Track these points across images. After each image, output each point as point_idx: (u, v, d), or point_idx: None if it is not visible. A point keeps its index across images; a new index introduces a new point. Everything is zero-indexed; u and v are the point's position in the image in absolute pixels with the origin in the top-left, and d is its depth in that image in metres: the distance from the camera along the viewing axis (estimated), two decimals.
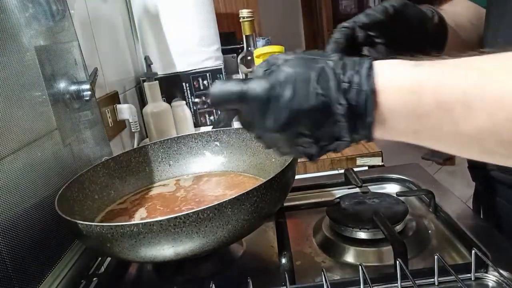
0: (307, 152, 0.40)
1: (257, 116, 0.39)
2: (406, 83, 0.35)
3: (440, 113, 0.33)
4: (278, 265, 0.49)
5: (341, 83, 0.36)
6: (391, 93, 0.35)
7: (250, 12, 1.14)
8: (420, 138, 0.36)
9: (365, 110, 0.36)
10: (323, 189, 0.74)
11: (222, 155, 0.72)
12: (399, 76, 0.35)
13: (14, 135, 0.51)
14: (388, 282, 0.46)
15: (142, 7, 1.21)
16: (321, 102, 0.36)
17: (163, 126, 1.14)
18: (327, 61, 0.37)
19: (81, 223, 0.45)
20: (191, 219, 0.43)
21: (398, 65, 0.36)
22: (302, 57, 0.38)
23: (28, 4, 0.60)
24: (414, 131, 0.36)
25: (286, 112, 0.37)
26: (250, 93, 0.38)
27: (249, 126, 0.41)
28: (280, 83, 0.37)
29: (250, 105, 0.38)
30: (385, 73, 0.36)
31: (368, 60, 0.37)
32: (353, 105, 0.36)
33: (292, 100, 0.36)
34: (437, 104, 0.33)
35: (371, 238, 0.54)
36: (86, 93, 0.72)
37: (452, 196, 0.65)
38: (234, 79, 0.40)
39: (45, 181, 0.57)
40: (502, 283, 0.44)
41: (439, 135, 0.35)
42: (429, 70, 0.34)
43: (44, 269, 0.53)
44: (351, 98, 0.36)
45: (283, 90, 0.37)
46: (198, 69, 1.25)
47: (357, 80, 0.36)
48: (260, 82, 0.38)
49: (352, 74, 0.36)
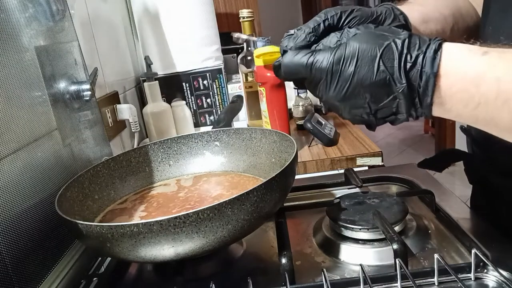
0: (365, 121, 0.43)
1: (322, 86, 0.42)
2: (470, 72, 0.36)
3: (498, 103, 0.34)
4: (278, 265, 0.49)
5: (406, 62, 0.37)
6: (454, 79, 0.36)
7: (250, 12, 1.14)
8: (478, 123, 0.38)
9: (425, 92, 0.37)
10: (323, 189, 0.74)
11: (222, 155, 0.72)
12: (465, 64, 0.36)
13: (14, 135, 0.51)
14: (388, 282, 0.46)
15: (142, 7, 1.21)
16: (382, 79, 0.38)
17: (163, 126, 1.14)
18: (396, 38, 0.38)
19: (81, 223, 0.45)
20: (191, 219, 0.43)
21: (468, 52, 0.37)
22: (371, 32, 0.40)
23: (28, 4, 0.60)
24: (471, 116, 0.37)
25: (348, 85, 0.39)
26: (316, 65, 0.40)
27: (314, 91, 0.44)
28: (346, 57, 0.39)
29: (315, 76, 0.41)
30: (452, 59, 0.37)
31: (437, 42, 0.37)
32: (413, 84, 0.37)
33: (354, 75, 0.39)
34: (496, 95, 0.34)
35: (371, 238, 0.54)
36: (86, 93, 0.72)
37: (452, 196, 0.65)
38: (304, 50, 0.43)
39: (45, 181, 0.57)
40: (502, 283, 0.44)
41: (496, 122, 0.36)
42: (495, 61, 0.35)
43: (44, 269, 0.53)
44: (412, 78, 0.37)
45: (347, 64, 0.39)
46: (198, 69, 1.25)
47: (421, 61, 0.37)
48: (327, 54, 0.40)
49: (417, 54, 0.37)
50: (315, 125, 1.00)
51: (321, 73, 0.41)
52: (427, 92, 0.37)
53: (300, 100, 1.24)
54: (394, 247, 0.47)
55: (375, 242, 0.54)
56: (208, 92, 1.28)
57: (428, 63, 0.37)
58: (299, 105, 1.24)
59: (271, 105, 1.04)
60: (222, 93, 1.28)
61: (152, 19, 1.21)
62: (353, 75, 0.39)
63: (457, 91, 0.37)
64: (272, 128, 1.04)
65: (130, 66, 1.27)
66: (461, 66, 0.36)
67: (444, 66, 0.37)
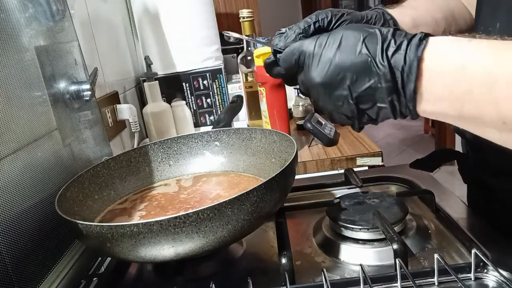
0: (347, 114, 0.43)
1: (307, 69, 0.43)
2: (456, 57, 0.35)
3: (483, 90, 0.34)
4: (278, 265, 0.49)
5: (389, 46, 0.38)
6: (438, 64, 0.36)
7: (250, 12, 1.14)
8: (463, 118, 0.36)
9: (408, 76, 0.37)
10: (323, 189, 0.74)
11: (222, 155, 0.72)
12: (451, 50, 0.36)
13: (14, 135, 0.51)
14: (388, 282, 0.46)
15: (142, 7, 1.21)
16: (363, 60, 0.39)
17: (163, 126, 1.14)
18: (381, 29, 0.39)
19: (81, 223, 0.45)
20: (191, 219, 0.43)
21: (453, 40, 0.37)
22: (358, 25, 0.43)
23: (28, 4, 0.60)
24: (456, 110, 0.36)
25: (329, 66, 0.40)
26: (303, 48, 0.43)
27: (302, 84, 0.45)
28: (329, 40, 0.41)
29: (303, 60, 0.43)
30: (438, 45, 0.37)
31: (423, 34, 0.38)
32: (396, 69, 0.37)
33: (336, 55, 0.40)
34: (483, 80, 0.33)
35: (371, 238, 0.54)
36: (86, 93, 0.72)
37: (452, 196, 0.65)
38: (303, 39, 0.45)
39: (45, 181, 0.57)
40: (502, 283, 0.44)
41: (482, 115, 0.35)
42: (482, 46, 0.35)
43: (44, 269, 0.53)
44: (396, 62, 0.37)
45: (330, 46, 0.41)
46: (198, 69, 1.25)
47: (405, 47, 0.37)
48: (314, 38, 0.42)
49: (402, 41, 0.38)
50: (315, 125, 1.00)
51: (306, 54, 0.42)
52: (410, 77, 0.37)
53: (300, 100, 1.24)
54: (394, 247, 0.47)
55: (375, 242, 0.54)
56: (208, 92, 1.28)
57: (413, 48, 0.37)
58: (299, 105, 1.24)
59: (271, 105, 1.04)
60: (222, 93, 1.28)
61: (152, 19, 1.21)
62: (334, 56, 0.40)
63: (442, 76, 0.36)
64: (272, 128, 1.04)
65: (130, 66, 1.27)
66: (447, 52, 0.36)
67: (429, 51, 0.36)
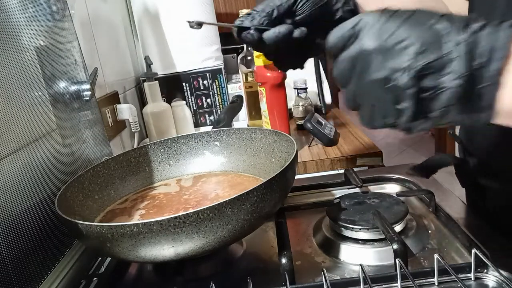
0: (399, 99, 0.34)
1: (361, 36, 0.35)
2: None
3: None
4: (278, 265, 0.49)
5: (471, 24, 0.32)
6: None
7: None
8: None
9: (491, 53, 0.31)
10: (323, 189, 0.74)
11: (222, 155, 0.72)
12: None
13: (14, 135, 0.51)
14: (388, 282, 0.46)
15: (142, 7, 1.21)
16: (436, 32, 0.32)
17: (163, 126, 1.14)
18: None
19: (81, 223, 0.45)
20: (191, 219, 0.43)
21: None
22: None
23: (28, 4, 0.60)
24: None
25: (391, 32, 0.33)
26: (364, 17, 0.35)
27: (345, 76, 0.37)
28: (397, 13, 0.34)
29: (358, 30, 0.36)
30: None
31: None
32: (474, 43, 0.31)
33: (402, 25, 0.33)
34: None
35: (371, 238, 0.54)
36: (86, 93, 0.72)
37: (452, 196, 0.65)
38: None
39: (45, 181, 0.57)
40: (502, 283, 0.44)
41: None
42: None
43: (44, 269, 0.53)
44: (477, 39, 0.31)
45: (397, 17, 0.34)
46: (198, 69, 1.25)
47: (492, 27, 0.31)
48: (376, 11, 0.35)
49: (485, 23, 0.32)
50: (315, 125, 1.00)
51: (363, 25, 0.35)
52: (495, 54, 0.30)
53: (300, 100, 1.24)
54: (394, 247, 0.47)
55: (375, 242, 0.54)
56: (208, 92, 1.28)
57: (506, 26, 0.30)
58: (299, 105, 1.24)
59: (271, 105, 1.04)
60: (222, 93, 1.28)
61: (152, 19, 1.21)
62: (400, 25, 0.33)
63: None
64: (272, 128, 1.04)
65: (130, 66, 1.27)
66: None
67: None
